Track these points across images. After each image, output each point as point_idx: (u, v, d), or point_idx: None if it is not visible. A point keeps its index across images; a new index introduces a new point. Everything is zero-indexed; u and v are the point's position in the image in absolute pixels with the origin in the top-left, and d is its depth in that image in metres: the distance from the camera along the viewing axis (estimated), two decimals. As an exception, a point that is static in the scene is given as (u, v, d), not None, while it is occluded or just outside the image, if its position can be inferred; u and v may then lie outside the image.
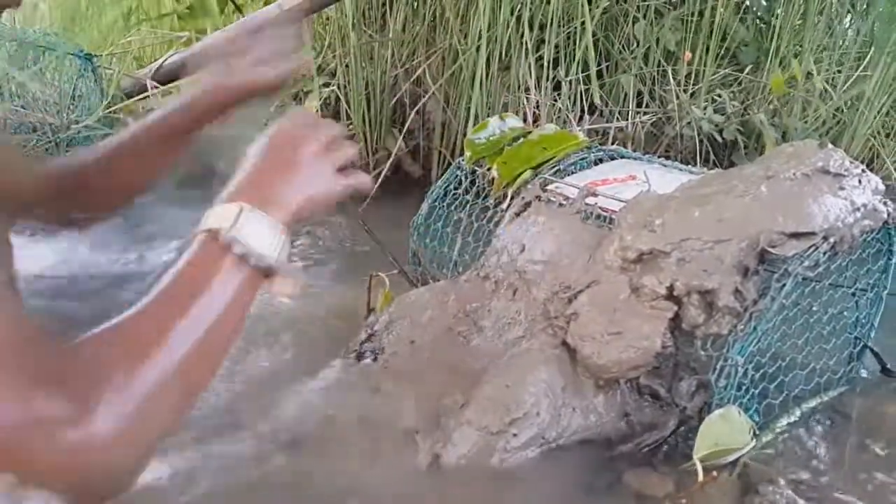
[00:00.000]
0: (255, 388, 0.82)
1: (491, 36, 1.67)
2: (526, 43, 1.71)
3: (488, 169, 0.98)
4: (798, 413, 0.81)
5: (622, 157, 1.02)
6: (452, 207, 1.01)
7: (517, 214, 0.91)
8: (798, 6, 1.81)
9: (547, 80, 1.74)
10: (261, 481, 0.69)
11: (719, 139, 1.72)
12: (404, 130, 1.75)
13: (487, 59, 1.68)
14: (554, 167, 0.94)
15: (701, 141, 1.70)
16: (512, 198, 0.93)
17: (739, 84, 1.84)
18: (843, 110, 1.81)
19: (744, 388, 0.74)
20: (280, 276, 0.55)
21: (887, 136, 1.84)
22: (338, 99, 1.82)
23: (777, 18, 1.81)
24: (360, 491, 0.68)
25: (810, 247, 0.73)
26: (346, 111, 1.84)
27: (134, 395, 0.47)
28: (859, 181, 0.78)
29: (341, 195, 0.63)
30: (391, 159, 1.70)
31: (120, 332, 0.50)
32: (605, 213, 0.84)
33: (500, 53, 1.71)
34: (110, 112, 1.75)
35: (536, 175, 0.93)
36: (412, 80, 1.83)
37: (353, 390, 0.79)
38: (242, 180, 0.58)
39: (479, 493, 0.69)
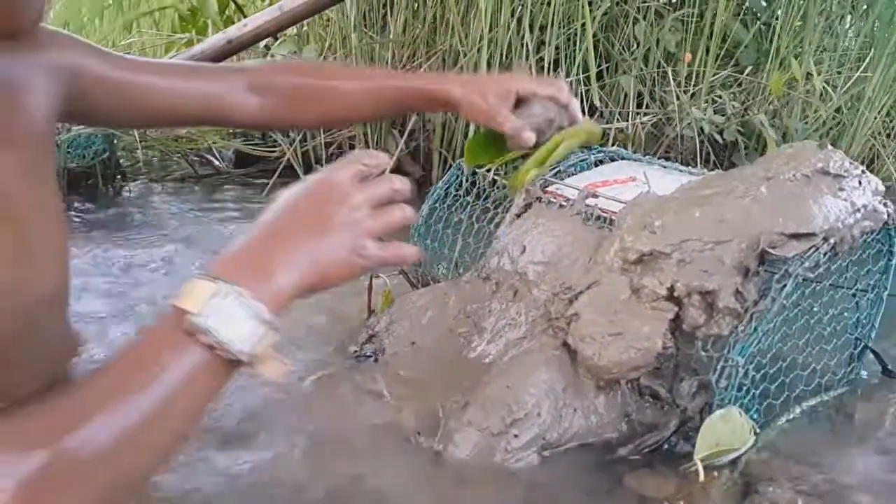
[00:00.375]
0: (254, 390, 0.82)
1: (492, 37, 1.67)
2: (526, 44, 1.71)
3: (488, 171, 0.98)
4: (798, 413, 0.82)
5: (622, 158, 1.02)
6: (453, 208, 1.01)
7: (518, 216, 0.91)
8: (798, 7, 1.81)
9: (547, 81, 1.74)
10: (261, 483, 0.69)
11: (719, 140, 1.73)
12: (405, 132, 1.75)
13: (488, 61, 1.68)
14: (554, 168, 0.94)
15: (701, 142, 1.71)
16: (512, 200, 0.93)
17: (740, 85, 1.84)
18: (843, 111, 1.82)
19: (744, 388, 0.74)
20: (261, 365, 0.47)
21: (888, 136, 1.84)
22: (338, 100, 1.82)
23: (777, 20, 1.81)
24: (361, 492, 0.68)
25: (810, 248, 0.73)
26: (347, 112, 1.84)
27: (45, 476, 0.41)
28: (859, 182, 0.78)
29: (364, 270, 0.53)
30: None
31: (55, 406, 0.45)
32: (605, 215, 0.84)
33: (501, 55, 1.71)
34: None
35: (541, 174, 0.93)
36: (413, 81, 1.83)
37: (353, 391, 0.79)
38: (239, 246, 0.50)
39: (480, 493, 0.69)
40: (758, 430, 0.74)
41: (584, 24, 1.70)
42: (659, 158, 1.05)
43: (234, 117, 0.81)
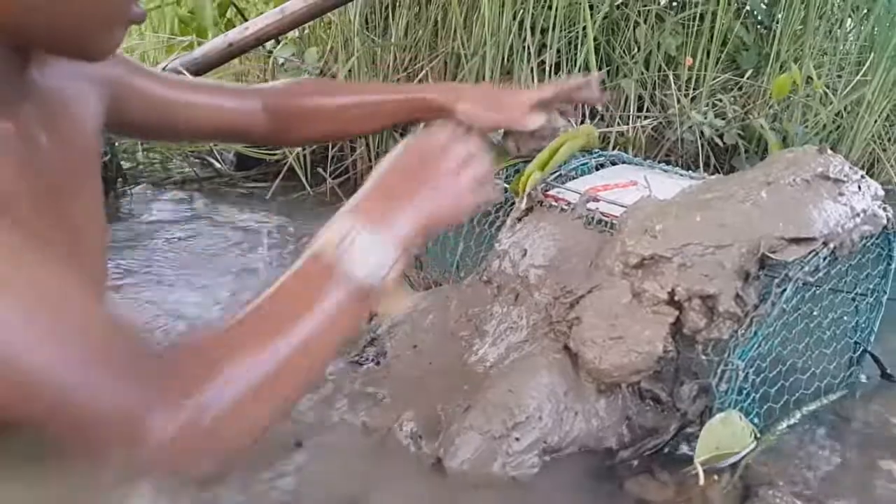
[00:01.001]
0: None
1: (494, 41, 1.68)
2: (528, 47, 1.71)
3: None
4: (798, 417, 0.82)
5: (623, 162, 1.02)
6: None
7: (519, 219, 0.91)
8: (798, 11, 1.81)
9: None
10: (261, 487, 0.69)
11: (720, 144, 1.73)
12: (406, 134, 1.75)
13: (490, 64, 1.69)
14: (556, 172, 0.94)
15: (702, 145, 1.71)
16: (513, 203, 0.93)
17: (740, 89, 1.84)
18: (843, 115, 1.82)
19: (745, 392, 0.74)
20: (386, 297, 0.57)
21: (888, 140, 1.85)
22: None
23: (778, 23, 1.82)
24: (362, 496, 0.68)
25: (810, 252, 0.73)
26: (349, 115, 1.84)
27: (223, 397, 0.48)
28: (859, 187, 0.78)
29: (469, 212, 0.65)
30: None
31: (218, 339, 0.51)
32: (606, 219, 0.85)
33: (503, 58, 1.72)
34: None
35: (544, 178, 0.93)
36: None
37: (355, 395, 0.79)
38: (363, 195, 0.59)
39: (481, 497, 0.69)
40: (758, 434, 0.74)
41: (585, 28, 1.70)
42: (659, 162, 1.05)
43: (252, 135, 0.90)
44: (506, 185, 0.94)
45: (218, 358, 0.50)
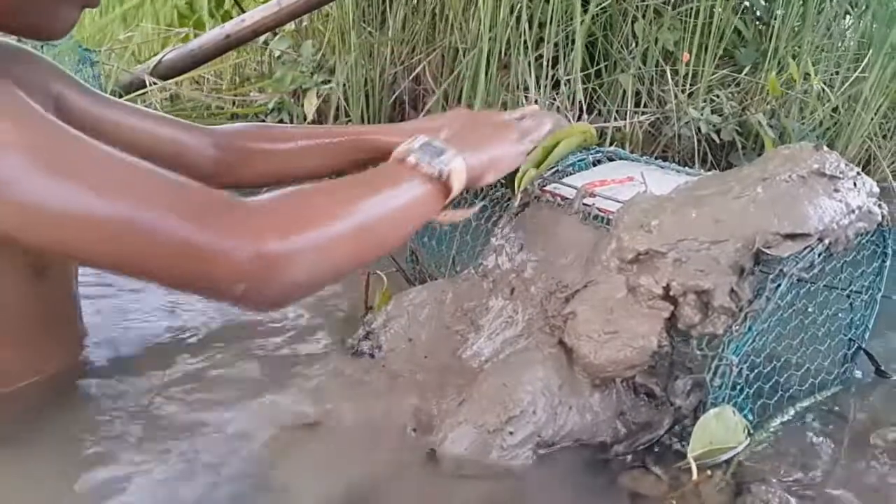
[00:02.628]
0: (251, 386, 0.82)
1: (491, 34, 1.68)
2: (526, 41, 1.71)
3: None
4: (792, 413, 0.82)
5: (620, 158, 1.02)
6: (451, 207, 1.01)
7: (515, 214, 0.91)
8: (797, 7, 1.81)
9: (546, 78, 1.75)
10: (255, 479, 0.69)
11: (717, 140, 1.73)
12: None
13: (487, 58, 1.69)
14: (553, 168, 0.94)
15: (699, 141, 1.71)
16: (509, 198, 0.93)
17: (738, 84, 1.84)
18: (840, 111, 1.82)
19: (738, 387, 0.74)
20: (450, 207, 0.70)
21: (884, 137, 1.85)
22: (336, 96, 1.82)
23: (776, 19, 1.82)
24: (355, 488, 0.69)
25: (805, 248, 0.73)
26: (346, 109, 1.84)
27: (303, 234, 0.57)
28: (854, 184, 0.78)
29: (519, 161, 0.83)
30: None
31: (293, 193, 0.60)
32: (602, 214, 0.85)
33: (500, 52, 1.71)
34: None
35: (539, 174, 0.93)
36: (411, 77, 1.84)
37: (350, 388, 0.79)
38: (430, 129, 0.73)
39: (475, 490, 0.69)
40: (751, 430, 0.75)
41: (583, 21, 1.70)
42: (656, 158, 1.05)
43: (200, 170, 0.90)
44: (502, 182, 0.94)
45: (298, 205, 0.59)
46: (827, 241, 0.75)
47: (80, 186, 0.53)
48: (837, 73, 1.84)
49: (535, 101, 1.72)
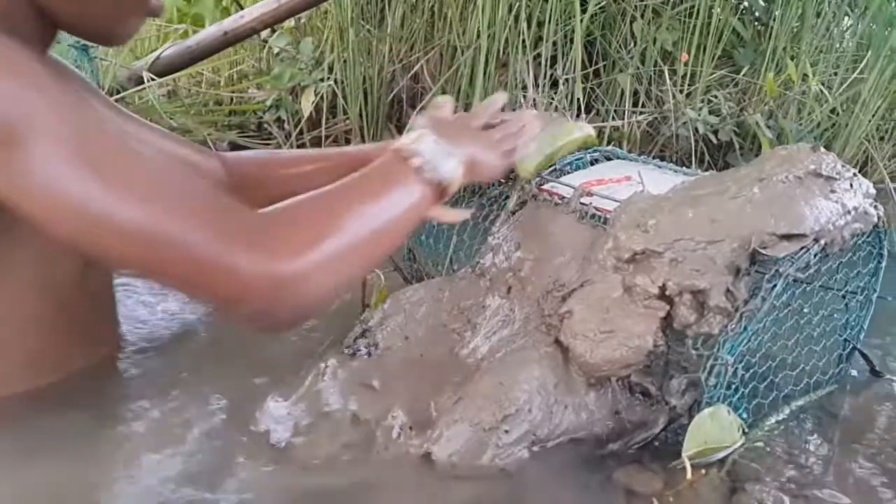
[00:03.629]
0: (247, 384, 0.83)
1: (489, 33, 1.68)
2: (524, 40, 1.71)
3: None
4: (787, 412, 0.82)
5: (618, 157, 1.02)
6: (448, 205, 1.01)
7: (513, 213, 0.91)
8: (796, 8, 1.81)
9: (544, 77, 1.75)
10: (251, 477, 0.69)
11: (714, 140, 1.73)
12: (402, 126, 1.75)
13: (485, 56, 1.69)
14: (551, 167, 0.94)
15: (696, 141, 1.71)
16: (507, 197, 0.93)
17: (736, 85, 1.85)
18: (838, 113, 1.82)
19: (733, 387, 0.74)
20: (444, 205, 0.69)
21: (881, 139, 1.85)
22: (335, 94, 1.82)
23: (775, 20, 1.82)
24: (351, 487, 0.69)
25: (801, 248, 0.73)
26: (343, 106, 1.84)
27: (314, 253, 0.57)
28: (851, 184, 0.79)
29: (503, 167, 0.81)
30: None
31: (309, 206, 0.61)
32: (599, 213, 0.85)
33: (498, 50, 1.71)
34: (107, 104, 1.74)
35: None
36: (410, 75, 1.84)
37: (346, 386, 0.79)
38: (426, 124, 0.71)
39: (471, 489, 0.69)
40: (746, 429, 0.75)
41: (582, 20, 1.70)
42: (654, 158, 1.06)
43: None
44: (500, 180, 0.94)
45: (317, 220, 0.59)
46: (823, 242, 0.75)
47: (105, 183, 0.54)
48: (836, 74, 1.85)
49: (534, 101, 1.73)
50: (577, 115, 1.76)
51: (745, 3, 1.91)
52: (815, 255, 0.75)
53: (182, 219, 0.55)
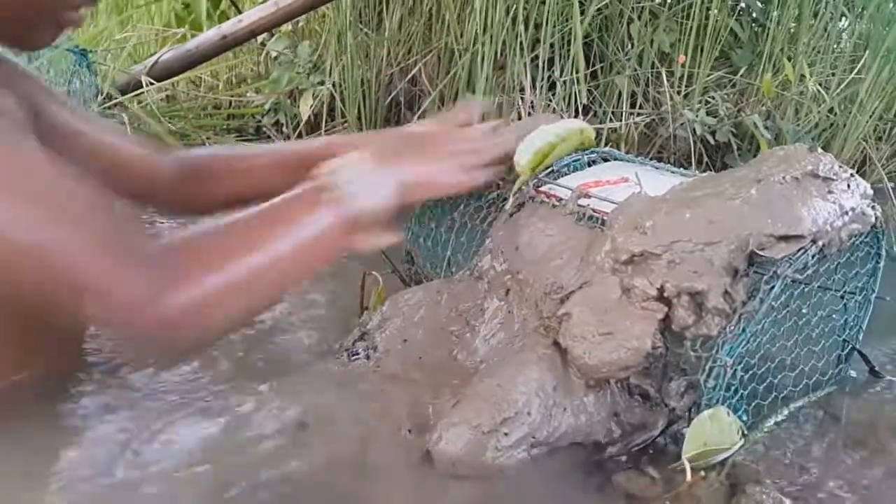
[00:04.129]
0: (245, 388, 0.82)
1: (487, 35, 1.68)
2: (522, 42, 1.71)
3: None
4: (786, 413, 0.82)
5: (615, 159, 1.02)
6: (446, 207, 1.02)
7: (511, 215, 0.91)
8: (793, 9, 1.82)
9: (542, 79, 1.75)
10: (250, 481, 0.69)
11: (712, 141, 1.73)
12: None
13: (483, 59, 1.69)
14: (548, 168, 0.94)
15: (694, 142, 1.71)
16: (505, 199, 0.93)
17: (733, 86, 1.85)
18: (835, 113, 1.83)
19: (732, 388, 0.74)
20: (368, 230, 0.65)
21: (879, 139, 1.86)
22: (333, 97, 1.82)
23: (772, 21, 1.82)
24: (350, 488, 0.69)
25: (799, 249, 0.73)
26: (342, 109, 1.84)
27: (204, 291, 0.56)
28: (848, 185, 0.79)
29: (460, 189, 0.78)
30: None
31: (207, 236, 0.60)
32: (597, 215, 0.85)
33: (496, 53, 1.71)
34: (105, 108, 1.75)
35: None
36: (408, 78, 1.84)
37: (345, 389, 0.79)
38: (367, 143, 0.68)
39: (470, 491, 0.69)
40: (745, 431, 0.75)
41: (581, 22, 1.70)
42: (652, 159, 1.06)
43: (159, 184, 0.91)
44: (498, 182, 0.94)
45: (211, 253, 0.57)
46: (821, 243, 0.75)
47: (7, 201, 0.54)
48: (833, 74, 1.85)
49: (531, 103, 1.73)
50: (576, 117, 1.76)
51: (742, 4, 1.91)
52: (813, 256, 0.75)
53: (78, 241, 0.55)
